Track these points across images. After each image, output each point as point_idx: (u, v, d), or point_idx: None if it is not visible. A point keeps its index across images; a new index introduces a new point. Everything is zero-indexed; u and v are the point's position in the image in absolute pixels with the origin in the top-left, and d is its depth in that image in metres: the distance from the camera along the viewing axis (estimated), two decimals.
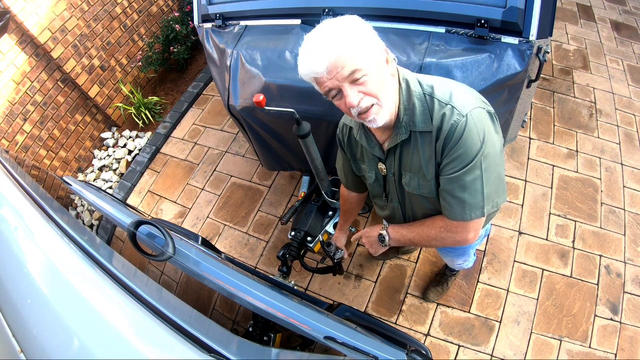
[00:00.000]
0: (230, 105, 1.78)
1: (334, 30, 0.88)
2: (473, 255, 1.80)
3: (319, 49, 0.87)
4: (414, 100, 0.97)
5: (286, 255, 1.81)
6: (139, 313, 0.81)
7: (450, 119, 0.93)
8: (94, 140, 3.47)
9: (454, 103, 0.93)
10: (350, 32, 0.88)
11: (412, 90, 0.97)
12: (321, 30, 0.89)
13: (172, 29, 3.52)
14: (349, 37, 0.87)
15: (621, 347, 1.96)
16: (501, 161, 1.02)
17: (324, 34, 0.88)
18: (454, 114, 0.93)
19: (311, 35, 0.90)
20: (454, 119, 0.92)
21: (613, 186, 2.50)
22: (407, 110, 0.98)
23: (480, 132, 0.93)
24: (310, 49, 0.89)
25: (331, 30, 0.88)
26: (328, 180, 1.86)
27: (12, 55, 2.75)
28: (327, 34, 0.88)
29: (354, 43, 0.87)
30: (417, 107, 0.97)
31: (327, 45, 0.87)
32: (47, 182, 2.74)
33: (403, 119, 0.99)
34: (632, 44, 3.34)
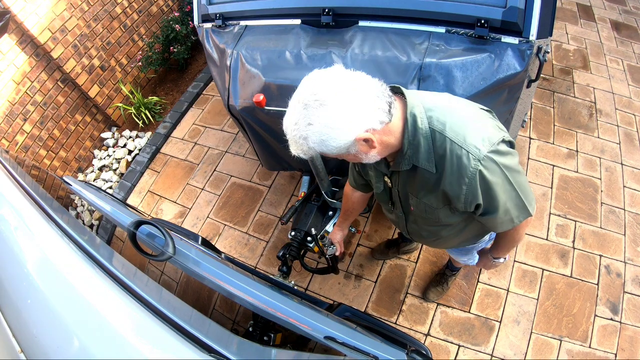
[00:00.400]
0: (230, 105, 1.78)
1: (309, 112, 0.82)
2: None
3: (291, 140, 0.87)
4: (420, 138, 0.93)
5: (286, 255, 1.81)
6: (139, 313, 0.81)
7: (468, 168, 0.90)
8: (94, 140, 3.47)
9: (468, 146, 0.90)
10: (324, 125, 0.82)
11: (419, 127, 0.92)
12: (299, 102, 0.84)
13: (172, 29, 3.52)
14: (319, 139, 0.84)
15: (621, 347, 1.96)
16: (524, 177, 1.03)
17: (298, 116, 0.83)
18: (470, 161, 0.90)
19: (291, 103, 0.86)
20: (472, 167, 0.90)
21: (613, 186, 2.50)
22: (412, 145, 0.94)
23: (501, 165, 0.92)
24: (285, 130, 0.88)
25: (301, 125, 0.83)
26: (328, 180, 1.86)
27: (12, 55, 2.75)
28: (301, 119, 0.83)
29: (324, 146, 0.85)
30: (422, 145, 0.93)
31: (297, 142, 0.86)
32: (47, 182, 2.74)
33: (407, 152, 0.95)
34: (632, 44, 3.34)
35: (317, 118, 0.82)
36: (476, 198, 0.95)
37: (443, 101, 0.99)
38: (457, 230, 1.22)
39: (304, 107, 0.83)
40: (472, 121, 0.94)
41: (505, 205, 1.00)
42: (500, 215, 1.01)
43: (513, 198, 1.00)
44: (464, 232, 1.24)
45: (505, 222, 1.05)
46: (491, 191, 0.94)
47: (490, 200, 0.97)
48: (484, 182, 0.92)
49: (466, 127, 0.92)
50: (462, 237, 1.29)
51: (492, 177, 0.92)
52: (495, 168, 0.92)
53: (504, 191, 0.97)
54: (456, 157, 0.91)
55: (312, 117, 0.82)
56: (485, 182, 0.92)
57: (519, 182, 0.99)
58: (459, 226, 1.19)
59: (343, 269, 2.35)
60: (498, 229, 1.08)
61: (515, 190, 0.98)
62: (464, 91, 1.43)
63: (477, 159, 0.89)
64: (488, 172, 0.91)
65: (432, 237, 1.29)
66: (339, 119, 0.82)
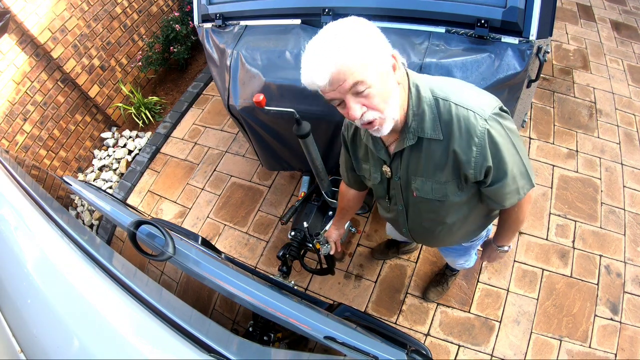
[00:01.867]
0: (230, 105, 1.78)
1: (337, 38, 0.82)
2: (474, 255, 1.80)
3: (320, 60, 0.83)
4: (424, 107, 0.95)
5: (286, 255, 1.80)
6: (139, 313, 0.81)
7: (477, 126, 0.92)
8: (94, 140, 3.47)
9: (473, 108, 0.92)
10: (353, 40, 0.82)
11: (423, 96, 0.95)
12: (323, 37, 0.84)
13: (172, 29, 3.52)
14: (352, 46, 0.82)
15: (621, 347, 1.96)
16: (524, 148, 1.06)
17: (326, 42, 0.83)
18: (478, 119, 0.92)
19: (313, 43, 0.85)
20: (480, 125, 0.92)
21: (613, 186, 2.50)
22: (416, 116, 0.96)
23: (505, 127, 0.95)
24: (311, 60, 0.84)
25: (334, 38, 0.83)
26: (328, 180, 1.86)
27: (12, 55, 2.75)
28: (329, 42, 0.83)
29: (357, 54, 0.82)
30: (426, 114, 0.95)
31: (329, 56, 0.82)
32: (47, 182, 2.74)
33: (411, 124, 0.97)
34: (632, 44, 3.34)
35: (351, 35, 0.83)
36: (486, 160, 0.95)
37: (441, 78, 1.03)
38: (461, 217, 1.19)
39: (333, 37, 0.83)
40: (470, 90, 0.98)
41: (513, 171, 1.00)
42: (509, 183, 1.01)
43: (518, 163, 1.01)
44: (468, 221, 1.23)
45: (512, 192, 1.05)
46: (500, 153, 0.95)
47: (499, 163, 0.97)
48: (493, 142, 0.94)
49: (467, 94, 0.96)
50: (465, 228, 1.27)
51: (499, 138, 0.94)
52: (501, 129, 0.94)
53: (510, 154, 0.98)
54: (463, 119, 0.93)
55: (346, 36, 0.83)
56: (494, 142, 0.94)
57: (521, 148, 1.01)
58: (464, 211, 1.16)
59: (343, 269, 2.35)
60: (506, 200, 1.07)
61: (519, 155, 1.00)
62: None
63: (484, 119, 0.92)
64: (495, 132, 0.93)
65: (434, 227, 1.24)
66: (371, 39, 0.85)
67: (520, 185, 1.04)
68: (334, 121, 1.66)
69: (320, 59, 0.83)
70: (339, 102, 0.90)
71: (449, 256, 1.72)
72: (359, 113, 0.88)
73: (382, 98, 0.88)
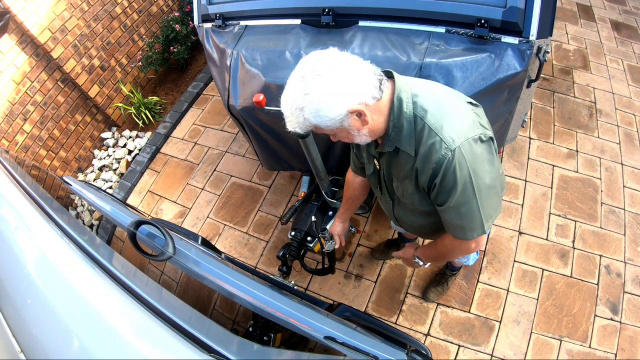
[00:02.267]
0: (230, 105, 1.78)
1: (306, 95, 0.88)
2: (475, 253, 1.81)
3: (288, 116, 0.93)
4: (403, 122, 0.97)
5: (286, 255, 1.81)
6: (139, 313, 0.81)
7: (439, 152, 0.93)
8: (94, 140, 3.47)
9: (443, 135, 0.93)
10: (319, 101, 0.87)
11: (404, 111, 0.96)
12: (293, 89, 0.91)
13: (172, 29, 3.52)
14: (317, 109, 0.88)
15: (621, 347, 1.96)
16: (496, 183, 1.03)
17: (294, 98, 0.90)
18: (442, 147, 0.93)
19: (286, 90, 0.93)
20: (442, 153, 0.93)
21: (613, 186, 2.50)
22: (396, 127, 0.99)
23: (470, 165, 0.94)
24: (283, 108, 0.94)
25: (303, 95, 0.88)
26: (328, 180, 1.86)
27: (12, 55, 2.75)
28: (297, 100, 0.89)
29: (321, 117, 0.89)
30: (404, 129, 0.98)
31: (295, 117, 0.91)
32: (47, 182, 2.74)
33: (391, 134, 1.00)
34: (632, 44, 3.33)
35: (313, 87, 0.87)
36: (436, 179, 0.97)
37: (432, 89, 1.03)
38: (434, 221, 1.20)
39: (301, 79, 0.89)
40: (453, 113, 0.97)
41: (459, 208, 1.01)
42: (452, 216, 1.03)
43: (469, 203, 0.99)
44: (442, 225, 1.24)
45: (456, 227, 1.06)
46: (451, 183, 0.96)
47: (447, 191, 0.98)
48: (448, 172, 0.94)
49: (445, 117, 0.95)
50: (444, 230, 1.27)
51: (458, 172, 0.94)
52: (464, 164, 0.93)
53: (463, 193, 0.97)
54: (430, 143, 0.94)
55: (309, 87, 0.87)
56: (450, 173, 0.94)
57: (483, 188, 0.98)
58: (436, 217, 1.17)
59: (343, 269, 2.35)
60: (450, 230, 1.10)
61: (475, 196, 0.98)
62: (464, 91, 1.43)
63: (449, 148, 0.92)
64: (456, 165, 0.93)
65: (415, 224, 1.31)
66: (333, 88, 0.87)
67: (467, 226, 1.04)
68: None
69: (288, 115, 0.93)
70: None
71: None
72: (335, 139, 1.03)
73: (347, 137, 0.99)
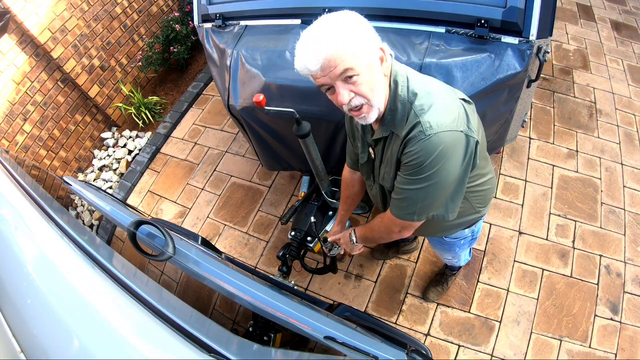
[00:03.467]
0: (230, 105, 1.78)
1: (330, 28, 0.88)
2: (466, 255, 1.81)
3: (313, 47, 0.89)
4: (397, 104, 0.99)
5: (286, 255, 1.80)
6: (139, 313, 0.80)
7: (415, 130, 0.95)
8: (94, 140, 3.47)
9: (424, 119, 0.94)
10: (345, 30, 0.88)
11: (399, 94, 0.99)
12: (317, 26, 0.90)
13: (172, 28, 3.52)
14: (344, 35, 0.88)
15: (621, 347, 1.96)
16: (454, 185, 1.03)
17: (319, 30, 0.89)
18: (417, 129, 0.94)
19: (307, 31, 0.91)
20: (416, 133, 0.94)
21: (613, 186, 2.50)
22: (392, 111, 1.01)
23: (437, 154, 0.94)
24: (305, 46, 0.90)
25: (327, 28, 0.89)
26: (328, 180, 1.86)
27: (12, 55, 2.75)
28: (323, 31, 0.89)
29: (348, 43, 0.88)
30: (398, 111, 0.99)
31: (322, 44, 0.87)
32: (47, 182, 2.74)
33: (387, 117, 1.03)
34: (632, 44, 3.33)
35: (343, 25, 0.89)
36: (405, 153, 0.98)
37: (425, 78, 1.04)
38: None
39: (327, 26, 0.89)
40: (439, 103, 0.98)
41: (407, 191, 1.03)
42: (400, 185, 1.05)
43: (417, 191, 1.02)
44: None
45: (395, 203, 1.09)
46: (414, 159, 0.96)
47: (408, 163, 0.98)
48: (417, 150, 0.95)
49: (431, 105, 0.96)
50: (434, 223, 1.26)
51: (424, 153, 0.94)
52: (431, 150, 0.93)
53: (417, 179, 0.99)
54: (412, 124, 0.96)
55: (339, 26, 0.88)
56: (417, 150, 0.95)
57: (438, 183, 0.99)
58: None
59: (343, 269, 2.35)
60: (391, 204, 1.12)
61: (424, 185, 0.99)
62: (464, 91, 1.43)
63: (423, 132, 0.93)
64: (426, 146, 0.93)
65: None
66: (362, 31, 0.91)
67: (402, 205, 1.07)
68: (334, 121, 1.66)
69: (313, 46, 0.89)
70: (328, 88, 0.95)
71: (436, 248, 1.74)
72: (347, 98, 0.94)
73: (369, 86, 0.94)
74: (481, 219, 1.40)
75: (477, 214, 1.32)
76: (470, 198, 1.23)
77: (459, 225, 1.36)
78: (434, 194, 1.02)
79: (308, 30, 0.91)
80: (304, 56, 0.90)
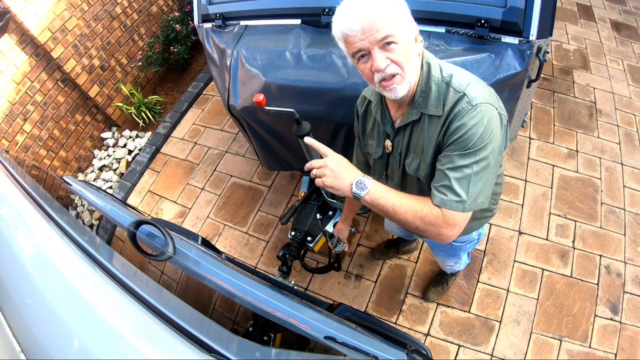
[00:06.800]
0: (231, 105, 1.78)
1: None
2: (466, 258, 1.80)
3: (359, 7, 0.87)
4: (432, 85, 0.98)
5: (286, 255, 1.81)
6: (139, 313, 0.80)
7: (461, 104, 0.94)
8: (94, 140, 3.47)
9: (468, 92, 0.94)
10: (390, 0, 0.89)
11: (432, 74, 0.99)
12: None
13: (172, 28, 3.52)
14: (390, 3, 0.88)
15: (621, 347, 1.96)
16: (497, 164, 1.00)
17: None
18: (464, 101, 0.94)
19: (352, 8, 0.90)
20: (463, 105, 0.93)
21: (613, 186, 2.50)
22: (423, 92, 1.00)
23: (486, 124, 0.93)
24: (350, 6, 0.89)
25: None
26: None
27: (12, 55, 2.75)
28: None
29: (394, 11, 0.88)
30: (432, 92, 0.98)
31: (368, 6, 0.87)
32: (47, 182, 2.74)
33: (418, 99, 1.00)
34: (632, 44, 3.33)
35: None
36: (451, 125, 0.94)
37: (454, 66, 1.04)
38: None
39: None
40: (476, 81, 0.99)
41: (461, 169, 0.94)
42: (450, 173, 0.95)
43: (474, 167, 0.94)
44: None
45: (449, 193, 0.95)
46: (467, 136, 0.92)
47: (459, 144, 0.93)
48: (465, 119, 0.92)
49: (469, 82, 0.97)
50: None
51: (476, 125, 0.91)
52: (480, 118, 0.91)
53: (473, 152, 0.93)
54: (455, 100, 0.95)
55: None
56: (468, 124, 0.92)
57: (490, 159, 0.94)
58: None
59: (343, 269, 2.35)
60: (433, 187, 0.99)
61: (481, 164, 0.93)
62: None
63: (470, 103, 0.93)
64: (474, 115, 0.91)
65: None
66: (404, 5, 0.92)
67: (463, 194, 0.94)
68: (334, 121, 1.66)
69: (359, 6, 0.87)
70: (362, 54, 0.93)
71: (439, 255, 1.71)
72: (384, 64, 0.91)
73: (406, 57, 0.93)
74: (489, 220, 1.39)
75: (491, 212, 1.31)
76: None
77: (473, 226, 1.33)
78: (485, 169, 0.95)
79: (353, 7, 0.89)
80: (347, 15, 0.89)
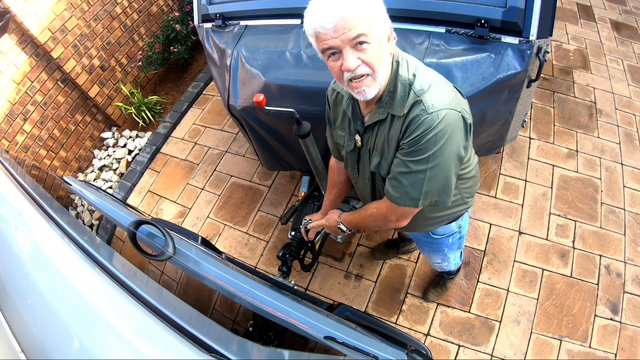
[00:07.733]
0: (231, 105, 1.78)
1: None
2: (456, 258, 1.78)
3: (331, 5, 0.86)
4: (398, 85, 0.98)
5: (286, 255, 1.80)
6: (139, 313, 0.81)
7: (416, 110, 0.94)
8: (94, 140, 3.47)
9: (424, 98, 0.94)
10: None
11: (400, 74, 0.98)
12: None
13: (172, 28, 3.52)
14: (363, 2, 0.87)
15: (621, 347, 1.96)
16: (457, 166, 1.03)
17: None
18: (419, 108, 0.94)
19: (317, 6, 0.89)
20: (418, 112, 0.94)
21: (613, 186, 2.50)
22: (390, 92, 0.99)
23: (440, 132, 0.94)
24: (321, 4, 0.88)
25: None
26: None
27: (12, 55, 2.75)
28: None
29: (366, 9, 0.87)
30: (398, 92, 0.98)
31: (340, 3, 0.85)
32: (47, 182, 2.74)
33: (385, 99, 1.00)
34: (632, 44, 3.33)
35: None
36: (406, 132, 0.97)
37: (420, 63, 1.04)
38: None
39: None
40: (437, 85, 0.98)
41: (410, 174, 0.99)
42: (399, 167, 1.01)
43: (421, 173, 0.99)
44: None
45: (397, 189, 1.04)
46: (417, 137, 0.95)
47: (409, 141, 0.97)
48: (420, 127, 0.94)
49: (430, 84, 0.97)
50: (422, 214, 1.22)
51: (427, 132, 0.93)
52: (435, 128, 0.93)
53: (422, 159, 0.97)
54: (412, 103, 0.96)
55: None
56: (421, 128, 0.94)
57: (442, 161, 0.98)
58: None
59: (343, 269, 2.35)
60: (388, 186, 1.07)
61: (428, 166, 0.97)
62: (464, 91, 1.43)
63: (426, 111, 0.93)
64: (426, 125, 0.93)
65: None
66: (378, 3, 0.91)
67: (409, 193, 1.02)
68: None
69: (331, 5, 0.86)
70: (332, 53, 0.92)
71: (424, 251, 1.69)
72: (355, 65, 0.90)
73: (378, 57, 0.92)
74: (467, 212, 1.39)
75: (465, 205, 1.31)
76: (459, 187, 1.22)
77: (446, 217, 1.33)
78: (438, 174, 0.99)
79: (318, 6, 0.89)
80: (318, 13, 0.87)
